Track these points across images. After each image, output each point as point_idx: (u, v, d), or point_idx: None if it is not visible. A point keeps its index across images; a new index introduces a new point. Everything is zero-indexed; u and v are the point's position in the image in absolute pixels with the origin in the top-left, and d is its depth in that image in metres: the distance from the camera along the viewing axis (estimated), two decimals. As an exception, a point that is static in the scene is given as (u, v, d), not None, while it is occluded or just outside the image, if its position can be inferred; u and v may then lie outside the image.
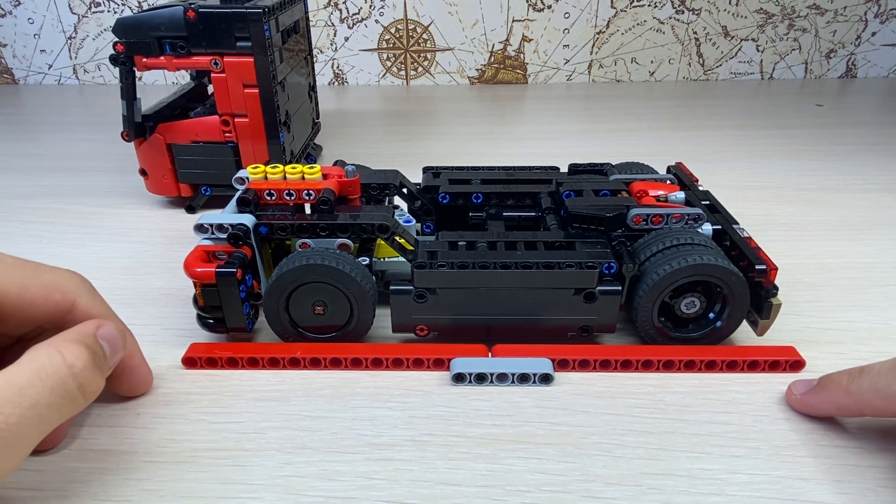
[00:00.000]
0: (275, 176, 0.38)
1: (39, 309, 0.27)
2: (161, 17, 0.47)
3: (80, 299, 0.29)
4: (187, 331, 0.37)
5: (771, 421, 0.31)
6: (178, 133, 0.51)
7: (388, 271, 0.39)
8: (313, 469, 0.28)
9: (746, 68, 0.97)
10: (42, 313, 0.28)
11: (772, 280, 0.34)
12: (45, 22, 0.91)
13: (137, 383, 0.32)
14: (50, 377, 0.23)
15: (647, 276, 0.34)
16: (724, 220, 0.39)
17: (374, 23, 0.92)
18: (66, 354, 0.24)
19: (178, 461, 0.28)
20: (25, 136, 0.74)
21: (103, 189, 0.58)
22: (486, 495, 0.27)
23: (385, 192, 0.42)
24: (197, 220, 0.35)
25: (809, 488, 0.27)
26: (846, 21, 0.93)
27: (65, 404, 0.24)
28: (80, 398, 0.25)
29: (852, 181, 0.60)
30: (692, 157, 0.63)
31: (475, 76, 0.96)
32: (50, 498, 0.26)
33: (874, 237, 0.49)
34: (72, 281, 0.29)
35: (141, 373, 0.32)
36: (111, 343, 0.28)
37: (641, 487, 0.27)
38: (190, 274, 0.33)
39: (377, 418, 0.31)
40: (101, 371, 0.26)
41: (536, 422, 0.31)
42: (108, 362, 0.27)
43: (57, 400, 0.23)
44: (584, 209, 0.37)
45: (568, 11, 0.91)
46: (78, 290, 0.29)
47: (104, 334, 0.27)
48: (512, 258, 0.34)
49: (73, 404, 0.24)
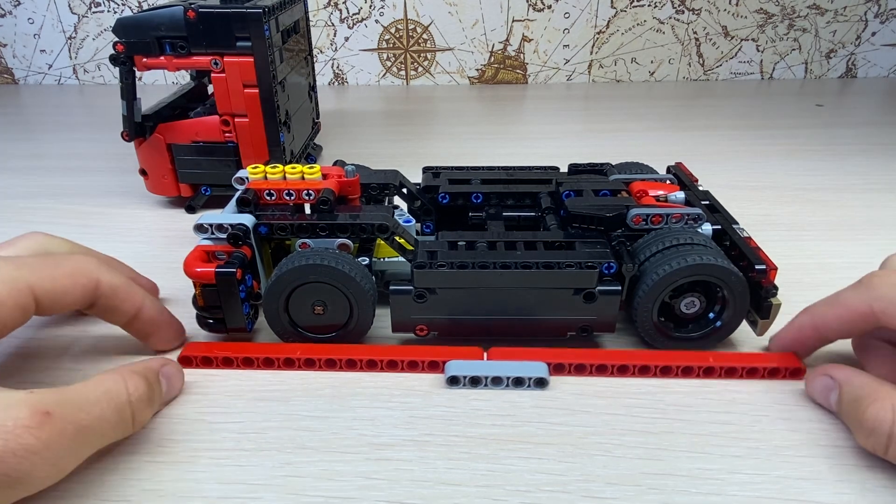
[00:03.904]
0: (274, 176, 0.38)
1: (70, 295, 0.30)
2: (161, 17, 0.47)
3: (103, 276, 0.32)
4: (187, 331, 0.37)
5: (771, 421, 0.31)
6: (178, 133, 0.51)
7: (387, 271, 0.39)
8: (313, 469, 0.28)
9: (746, 68, 0.97)
10: (72, 298, 0.30)
11: (772, 280, 0.34)
12: (45, 22, 0.91)
13: (168, 338, 0.35)
14: (113, 399, 0.27)
15: (646, 276, 0.34)
16: (723, 220, 0.39)
17: (374, 23, 0.92)
18: (129, 383, 0.27)
19: (178, 461, 0.28)
20: (25, 136, 0.74)
21: (103, 189, 0.58)
22: (486, 495, 0.27)
23: (385, 192, 0.42)
24: (197, 220, 0.35)
25: (809, 488, 0.27)
26: (846, 21, 0.93)
27: (119, 426, 0.27)
28: (130, 424, 0.28)
29: (852, 181, 0.60)
30: (692, 157, 0.62)
31: (475, 76, 0.96)
32: (50, 498, 0.26)
33: (874, 237, 0.49)
34: (90, 262, 0.32)
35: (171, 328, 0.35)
36: (170, 380, 0.31)
37: (641, 487, 0.27)
38: (190, 274, 0.34)
39: (377, 418, 0.31)
40: (152, 404, 0.29)
41: (536, 422, 0.31)
42: (162, 397, 0.30)
43: (115, 420, 0.27)
44: (583, 209, 0.37)
45: (568, 11, 0.91)
46: (99, 269, 0.32)
47: (166, 372, 0.31)
48: (512, 258, 0.34)
49: (124, 428, 0.27)
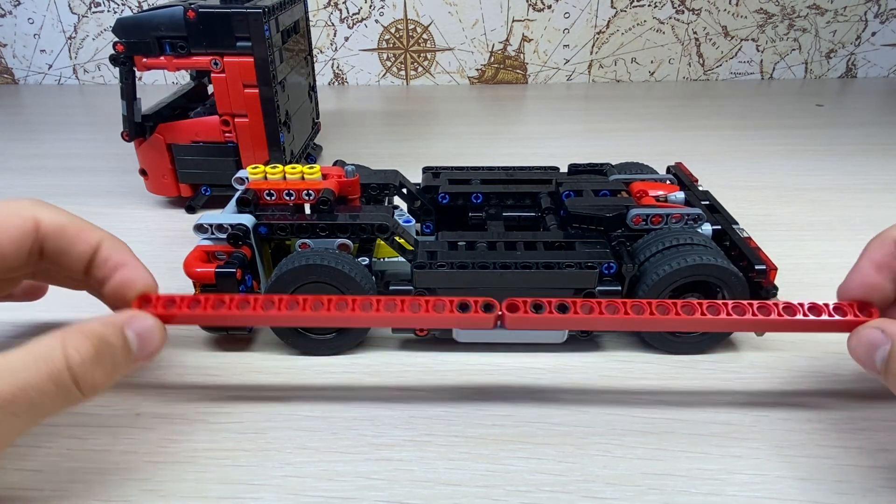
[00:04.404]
0: (274, 176, 0.38)
1: (6, 246, 0.28)
2: (161, 17, 0.47)
3: (42, 214, 0.29)
4: (187, 330, 0.37)
5: (771, 421, 0.31)
6: (178, 133, 0.51)
7: (387, 271, 0.39)
8: (313, 469, 0.28)
9: (746, 68, 0.97)
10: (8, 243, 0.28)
11: (771, 280, 0.34)
12: (45, 22, 0.91)
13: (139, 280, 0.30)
14: (46, 365, 0.23)
15: (646, 277, 0.34)
16: (723, 220, 0.39)
17: (374, 23, 0.92)
18: (67, 347, 0.24)
19: (178, 461, 0.28)
20: (25, 136, 0.74)
21: (103, 189, 0.58)
22: (486, 495, 0.27)
23: (385, 192, 0.42)
24: (197, 220, 0.35)
25: (809, 488, 0.27)
26: (846, 21, 0.93)
27: (59, 394, 0.24)
28: (75, 391, 0.24)
29: (852, 181, 0.60)
30: (692, 157, 0.63)
31: (475, 76, 0.96)
32: (50, 498, 0.26)
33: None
34: (24, 202, 0.29)
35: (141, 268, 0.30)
36: (142, 336, 0.27)
37: (641, 487, 0.27)
38: (190, 274, 0.34)
39: (377, 418, 0.31)
40: (107, 366, 0.25)
41: (536, 422, 0.31)
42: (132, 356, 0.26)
43: (51, 388, 0.23)
44: (583, 209, 0.37)
45: (568, 11, 0.91)
46: (36, 207, 0.29)
47: (137, 326, 0.27)
48: (511, 258, 0.34)
49: (68, 395, 0.24)
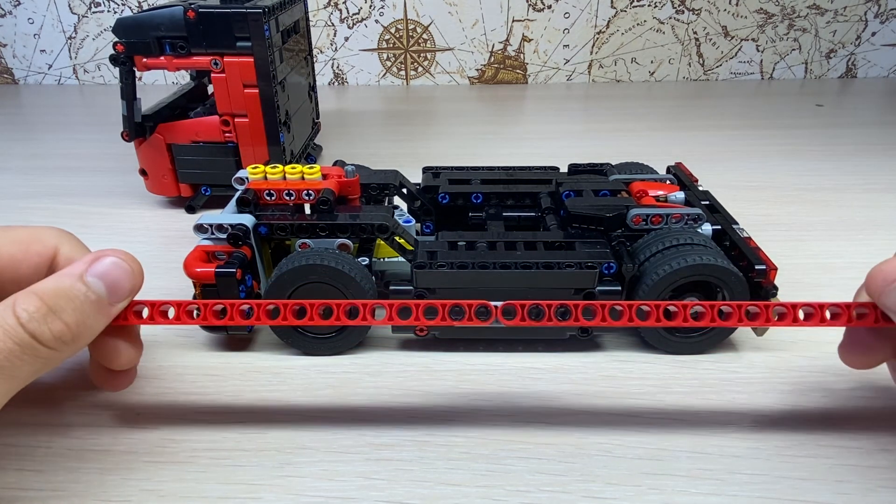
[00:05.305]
0: (274, 176, 0.38)
1: (22, 265, 0.27)
2: (161, 17, 0.47)
3: (63, 246, 0.28)
4: (187, 331, 0.37)
5: (771, 421, 0.31)
6: (178, 133, 0.51)
7: (387, 271, 0.39)
8: (313, 469, 0.28)
9: (746, 68, 0.97)
10: (26, 269, 0.28)
11: (771, 280, 0.34)
12: (45, 22, 0.91)
13: None
14: (1, 328, 0.23)
15: (646, 277, 0.34)
16: (723, 220, 0.39)
17: (374, 23, 0.92)
18: (16, 308, 0.24)
19: (178, 461, 0.28)
20: (25, 136, 0.74)
21: (103, 189, 0.58)
22: (486, 495, 0.27)
23: (385, 192, 0.42)
24: (197, 220, 0.35)
25: (809, 488, 0.27)
26: (846, 21, 0.93)
27: (26, 352, 0.24)
28: (38, 346, 0.24)
29: (852, 181, 0.60)
30: (692, 157, 0.62)
31: (475, 76, 0.96)
32: (50, 498, 0.26)
33: (874, 237, 0.49)
34: (50, 231, 0.29)
35: None
36: (107, 277, 0.26)
37: (641, 487, 0.27)
38: (190, 274, 0.34)
39: (377, 418, 0.31)
40: (65, 317, 0.25)
41: (536, 422, 0.31)
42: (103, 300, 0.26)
43: (14, 347, 0.23)
44: (583, 209, 0.37)
45: (568, 11, 0.91)
46: (59, 238, 0.29)
47: (99, 270, 0.26)
48: (511, 258, 0.34)
49: (35, 351, 0.24)
